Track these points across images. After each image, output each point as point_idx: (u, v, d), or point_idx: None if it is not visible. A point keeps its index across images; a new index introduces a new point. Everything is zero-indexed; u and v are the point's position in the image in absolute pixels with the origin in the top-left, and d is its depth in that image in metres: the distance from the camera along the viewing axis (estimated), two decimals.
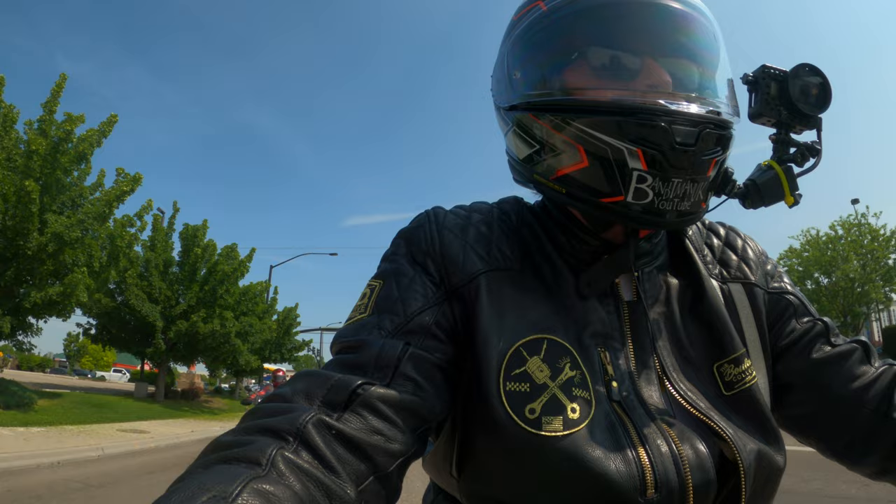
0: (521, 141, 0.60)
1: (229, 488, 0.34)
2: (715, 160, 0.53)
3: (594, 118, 0.53)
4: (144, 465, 6.79)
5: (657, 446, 0.50)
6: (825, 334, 0.63)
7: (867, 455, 0.58)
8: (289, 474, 0.38)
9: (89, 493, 4.93)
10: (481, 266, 0.59)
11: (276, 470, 0.38)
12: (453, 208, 0.67)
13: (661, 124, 0.50)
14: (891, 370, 0.61)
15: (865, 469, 0.60)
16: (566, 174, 0.56)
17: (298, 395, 0.47)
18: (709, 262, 0.66)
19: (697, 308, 0.61)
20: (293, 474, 0.39)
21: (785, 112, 0.57)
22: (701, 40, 0.56)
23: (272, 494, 0.36)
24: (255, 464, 0.38)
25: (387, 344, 0.53)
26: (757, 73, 0.58)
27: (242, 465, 0.38)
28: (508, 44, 0.63)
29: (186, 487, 0.35)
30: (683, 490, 0.49)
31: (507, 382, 0.52)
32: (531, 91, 0.59)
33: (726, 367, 0.58)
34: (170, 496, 0.34)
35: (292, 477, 0.38)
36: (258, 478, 0.36)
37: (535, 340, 0.54)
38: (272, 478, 0.37)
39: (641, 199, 0.52)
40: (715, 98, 0.56)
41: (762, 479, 0.53)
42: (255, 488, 0.35)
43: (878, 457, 0.58)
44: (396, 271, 0.60)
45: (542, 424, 0.50)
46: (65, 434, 8.06)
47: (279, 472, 0.38)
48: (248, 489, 0.35)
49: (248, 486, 0.35)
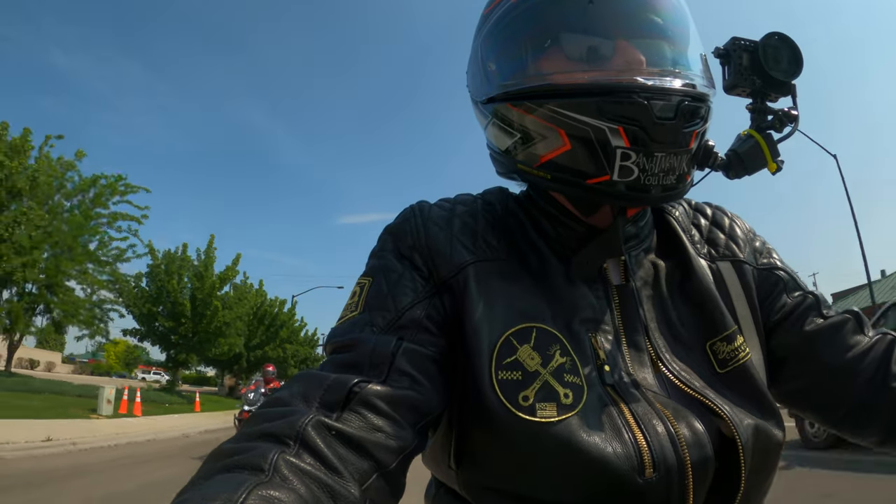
0: (502, 132, 0.60)
1: (234, 496, 0.34)
2: (696, 132, 0.54)
3: (573, 100, 0.53)
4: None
5: (653, 426, 0.50)
6: (816, 307, 0.64)
7: (867, 425, 0.58)
8: (292, 478, 0.38)
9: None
10: (468, 257, 0.59)
11: (280, 475, 0.38)
12: (438, 201, 0.67)
13: (639, 100, 0.51)
14: (885, 339, 0.61)
15: (867, 439, 0.60)
16: (550, 160, 0.56)
17: (296, 398, 0.47)
18: (696, 242, 0.66)
19: (687, 288, 0.61)
20: (296, 478, 0.38)
21: (759, 81, 0.58)
22: (670, 17, 0.57)
23: (277, 499, 0.35)
24: (257, 470, 0.38)
25: (380, 340, 0.53)
26: (728, 45, 0.58)
27: (245, 473, 0.38)
28: (481, 37, 0.63)
29: (190, 500, 0.34)
30: (682, 469, 0.48)
31: (498, 371, 0.52)
32: (507, 81, 0.59)
33: (719, 345, 0.58)
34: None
35: (296, 480, 0.38)
36: (262, 484, 0.36)
37: (525, 329, 0.54)
38: (276, 483, 0.37)
39: (627, 177, 0.52)
40: (689, 72, 0.56)
41: (761, 454, 0.52)
42: (260, 494, 0.35)
43: (878, 426, 0.58)
44: (385, 267, 0.60)
45: (537, 411, 0.50)
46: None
47: (282, 476, 0.38)
48: (254, 496, 0.35)
49: (252, 493, 0.35)
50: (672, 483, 0.48)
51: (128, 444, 9.26)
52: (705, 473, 0.50)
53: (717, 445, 0.51)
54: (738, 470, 0.50)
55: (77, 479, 5.80)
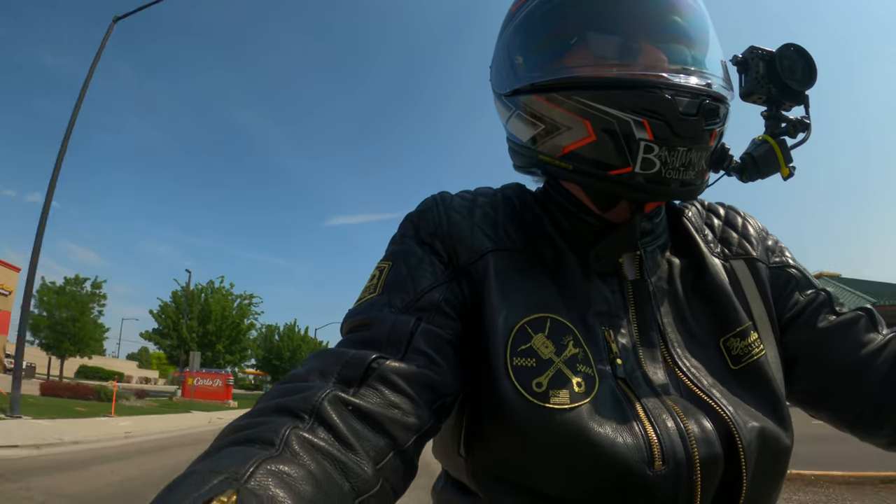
0: (525, 123, 0.62)
1: (241, 469, 0.33)
2: (715, 131, 0.55)
3: (601, 92, 0.54)
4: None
5: (663, 421, 0.50)
6: (829, 304, 0.64)
7: (881, 426, 0.58)
8: (303, 454, 0.37)
9: None
10: (489, 245, 0.60)
11: (290, 450, 0.37)
12: (459, 192, 0.67)
13: (665, 96, 0.52)
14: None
15: (880, 440, 0.59)
16: (573, 150, 0.57)
17: (313, 374, 0.46)
18: (710, 242, 0.67)
19: (701, 286, 0.62)
20: (307, 454, 0.38)
21: (774, 89, 0.60)
22: (693, 23, 0.59)
23: (286, 474, 0.34)
24: (268, 444, 0.37)
25: (399, 319, 0.53)
26: (746, 54, 0.61)
27: (256, 447, 0.37)
28: (508, 32, 0.65)
29: (198, 472, 0.33)
30: (691, 464, 0.49)
31: (513, 358, 0.52)
32: (535, 73, 0.60)
33: (732, 341, 0.58)
34: (182, 480, 0.32)
35: (306, 456, 0.37)
36: (271, 458, 0.35)
37: (540, 319, 0.54)
38: (286, 457, 0.36)
39: (649, 169, 0.54)
40: (711, 73, 0.58)
41: (768, 459, 0.52)
42: (269, 468, 0.34)
43: (892, 427, 0.57)
44: (405, 252, 0.60)
45: (549, 397, 0.50)
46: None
47: (293, 451, 0.37)
48: (262, 469, 0.34)
49: (261, 467, 0.34)
50: (681, 478, 0.48)
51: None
52: (714, 471, 0.50)
53: (726, 445, 0.50)
54: (740, 473, 0.50)
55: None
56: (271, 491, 0.32)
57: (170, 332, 28.83)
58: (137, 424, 11.44)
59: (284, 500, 0.32)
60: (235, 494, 0.30)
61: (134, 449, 8.49)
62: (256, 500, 0.31)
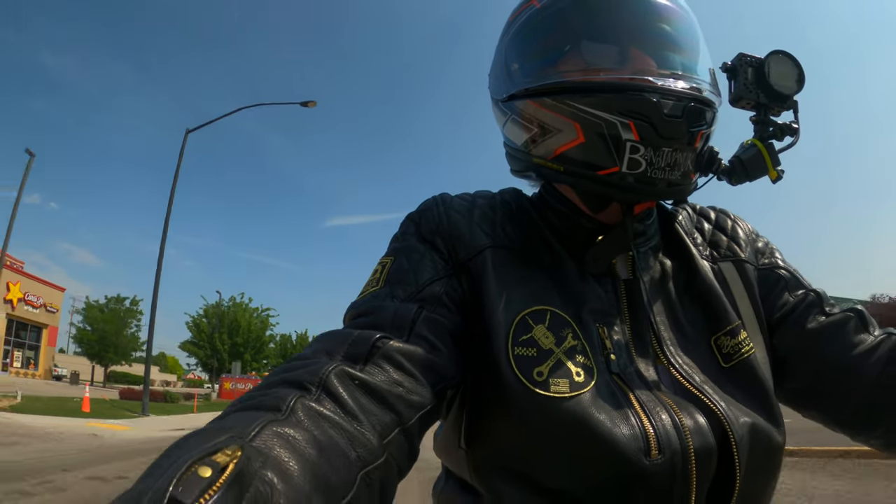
0: (520, 127, 0.64)
1: (246, 430, 0.34)
2: (701, 133, 0.57)
3: (589, 96, 0.57)
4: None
5: (657, 413, 0.51)
6: (819, 304, 0.64)
7: (872, 427, 0.58)
8: (307, 421, 0.38)
9: None
10: (487, 241, 0.62)
11: (295, 416, 0.38)
12: (459, 194, 0.70)
13: (650, 98, 0.55)
14: (891, 338, 0.60)
15: (871, 441, 0.59)
16: (563, 152, 0.60)
17: (319, 353, 0.48)
18: (699, 245, 0.68)
19: (691, 287, 0.63)
20: (312, 421, 0.38)
21: (763, 95, 0.61)
22: (682, 31, 0.62)
23: (291, 436, 0.35)
24: (274, 409, 0.38)
25: (401, 307, 0.55)
26: (735, 60, 0.62)
27: (262, 412, 0.38)
28: (506, 41, 0.68)
29: (206, 430, 0.35)
30: (686, 455, 0.49)
31: (515, 347, 0.54)
32: (529, 78, 0.63)
33: (723, 340, 0.59)
34: (189, 437, 0.34)
35: (311, 423, 0.38)
36: (276, 421, 0.36)
37: (540, 311, 0.56)
38: (291, 421, 0.37)
39: (635, 169, 0.56)
40: (698, 78, 0.60)
41: (760, 455, 0.53)
42: (274, 430, 0.35)
43: (885, 429, 0.57)
44: (407, 248, 0.62)
45: (550, 386, 0.51)
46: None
47: (297, 418, 0.38)
48: (267, 430, 0.35)
49: (266, 428, 0.35)
50: (676, 468, 0.49)
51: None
52: (708, 463, 0.50)
53: (718, 439, 0.51)
54: (733, 467, 0.50)
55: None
56: (276, 451, 0.33)
57: (204, 343, 34.90)
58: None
59: (289, 461, 0.33)
60: (240, 450, 0.30)
61: None
62: (261, 457, 0.32)
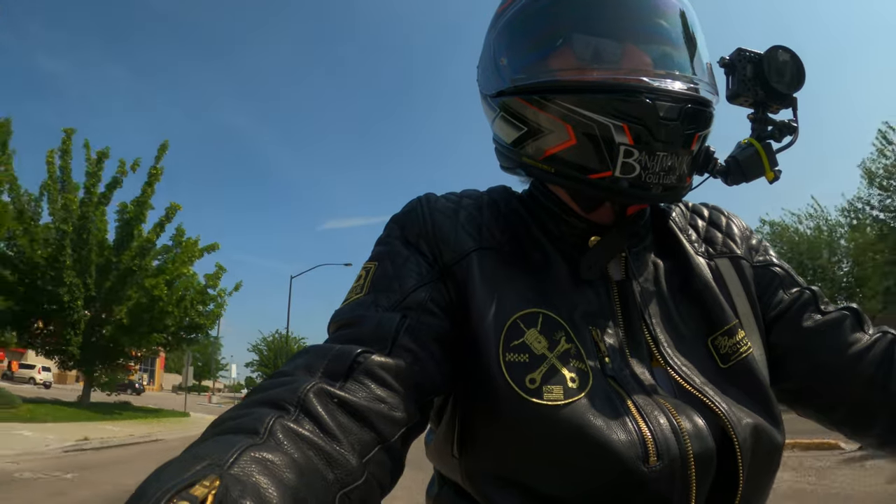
0: (509, 125, 0.61)
1: (225, 456, 0.33)
2: (697, 135, 0.55)
3: (580, 97, 0.54)
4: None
5: (655, 417, 0.50)
6: (814, 302, 0.63)
7: (867, 427, 0.58)
8: (287, 443, 0.37)
9: None
10: (472, 244, 0.60)
11: (274, 438, 0.37)
12: (444, 194, 0.67)
13: (645, 100, 0.52)
14: (885, 338, 0.60)
15: (866, 440, 0.59)
16: (554, 153, 0.57)
17: (299, 370, 0.46)
18: (694, 242, 0.67)
19: (687, 286, 0.62)
20: (291, 442, 0.38)
21: (761, 92, 0.59)
22: (679, 25, 0.59)
23: (269, 461, 0.34)
24: (252, 433, 0.37)
25: (384, 317, 0.53)
26: (733, 56, 0.60)
27: (240, 435, 0.37)
28: (494, 33, 0.64)
29: (182, 458, 0.34)
30: (685, 460, 0.48)
31: (506, 353, 0.52)
32: (518, 75, 0.60)
33: (720, 340, 0.58)
34: (166, 466, 0.33)
35: (290, 445, 0.37)
36: (255, 446, 0.35)
37: (532, 314, 0.54)
38: (270, 445, 0.36)
39: (629, 174, 0.53)
40: (695, 77, 0.58)
41: (762, 455, 0.52)
42: (253, 455, 0.34)
43: (880, 429, 0.57)
44: (391, 252, 0.60)
45: (543, 393, 0.50)
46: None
47: (276, 440, 0.37)
48: (245, 456, 0.34)
49: (244, 454, 0.34)
50: (675, 474, 0.48)
51: None
52: (708, 467, 0.49)
53: (719, 443, 0.50)
54: (736, 470, 0.50)
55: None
56: (255, 478, 0.32)
57: (269, 364, 43.74)
58: None
59: (268, 488, 0.32)
60: (218, 480, 0.30)
61: None
62: (240, 485, 0.31)
